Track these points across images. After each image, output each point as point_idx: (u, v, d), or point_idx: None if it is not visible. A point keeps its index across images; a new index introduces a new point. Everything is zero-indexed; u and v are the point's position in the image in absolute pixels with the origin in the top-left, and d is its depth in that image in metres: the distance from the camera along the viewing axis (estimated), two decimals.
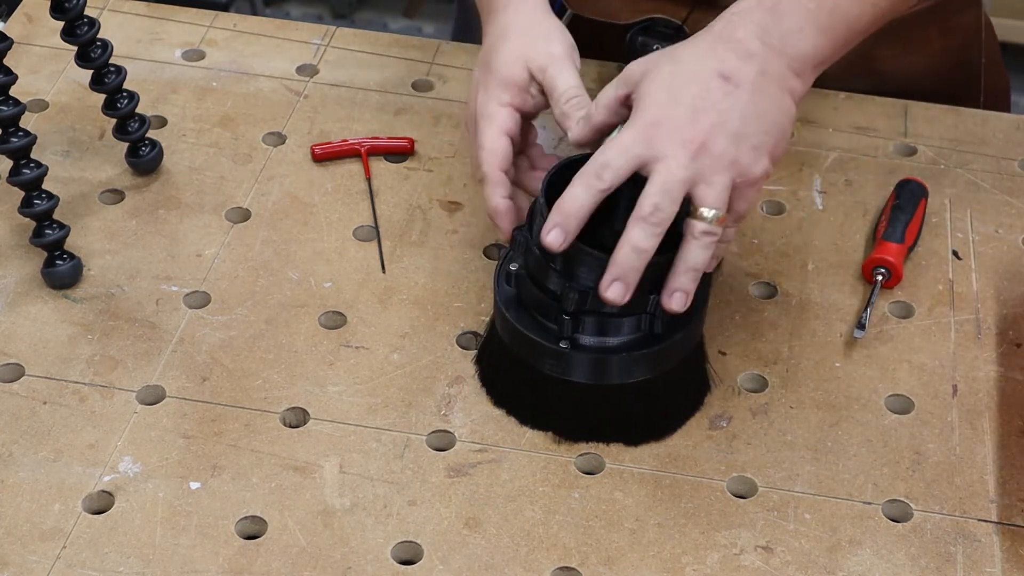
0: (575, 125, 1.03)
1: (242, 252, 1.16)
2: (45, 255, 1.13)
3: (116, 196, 1.22)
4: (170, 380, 1.06)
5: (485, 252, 1.17)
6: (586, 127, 1.02)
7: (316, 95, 1.32)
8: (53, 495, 0.99)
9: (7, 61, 1.07)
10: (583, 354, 0.99)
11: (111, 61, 1.18)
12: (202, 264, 1.15)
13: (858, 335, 1.10)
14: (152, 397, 1.05)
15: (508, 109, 1.06)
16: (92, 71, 1.18)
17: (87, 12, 1.14)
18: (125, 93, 1.20)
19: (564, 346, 0.99)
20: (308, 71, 1.34)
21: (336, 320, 1.11)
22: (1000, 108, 1.40)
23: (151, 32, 1.38)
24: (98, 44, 1.17)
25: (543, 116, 1.09)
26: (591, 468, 1.02)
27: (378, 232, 1.18)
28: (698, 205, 0.95)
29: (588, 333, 0.99)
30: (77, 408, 1.04)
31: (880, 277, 1.14)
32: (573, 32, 1.11)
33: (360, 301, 1.13)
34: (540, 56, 1.06)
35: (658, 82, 0.97)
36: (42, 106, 1.30)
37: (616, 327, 0.99)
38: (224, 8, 2.80)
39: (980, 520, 0.99)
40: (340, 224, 1.19)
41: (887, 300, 1.14)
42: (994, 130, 1.30)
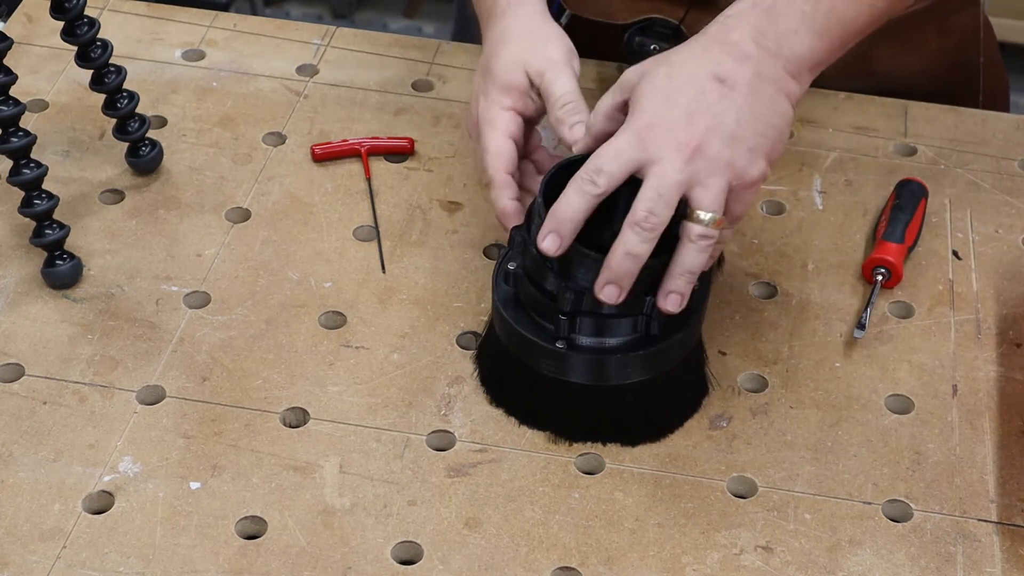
0: (569, 132, 1.03)
1: (242, 252, 1.16)
2: (45, 255, 1.13)
3: (116, 196, 1.22)
4: (170, 380, 1.06)
5: (485, 252, 1.17)
6: (586, 138, 1.01)
7: (316, 95, 1.32)
8: (53, 495, 0.99)
9: (7, 61, 1.07)
10: (579, 354, 0.99)
11: (111, 61, 1.18)
12: (202, 264, 1.15)
13: (858, 335, 1.10)
14: (152, 397, 1.05)
15: (510, 113, 1.06)
16: (92, 71, 1.18)
17: (87, 12, 1.14)
18: (125, 93, 1.20)
19: (560, 346, 0.99)
20: (308, 71, 1.34)
21: (336, 320, 1.11)
22: (999, 108, 1.40)
23: (151, 32, 1.38)
24: (98, 44, 1.17)
25: (544, 119, 1.09)
26: (591, 468, 1.02)
27: (378, 232, 1.18)
28: (694, 208, 0.95)
29: (585, 334, 0.99)
30: (77, 408, 1.04)
31: (880, 277, 1.14)
32: (571, 32, 1.11)
33: (360, 301, 1.13)
34: (538, 61, 1.06)
35: (653, 85, 0.97)
36: (42, 106, 1.30)
37: (613, 328, 0.99)
38: (224, 8, 2.80)
39: (980, 520, 0.99)
40: (340, 224, 1.19)
41: (887, 300, 1.14)
42: (994, 130, 1.30)
